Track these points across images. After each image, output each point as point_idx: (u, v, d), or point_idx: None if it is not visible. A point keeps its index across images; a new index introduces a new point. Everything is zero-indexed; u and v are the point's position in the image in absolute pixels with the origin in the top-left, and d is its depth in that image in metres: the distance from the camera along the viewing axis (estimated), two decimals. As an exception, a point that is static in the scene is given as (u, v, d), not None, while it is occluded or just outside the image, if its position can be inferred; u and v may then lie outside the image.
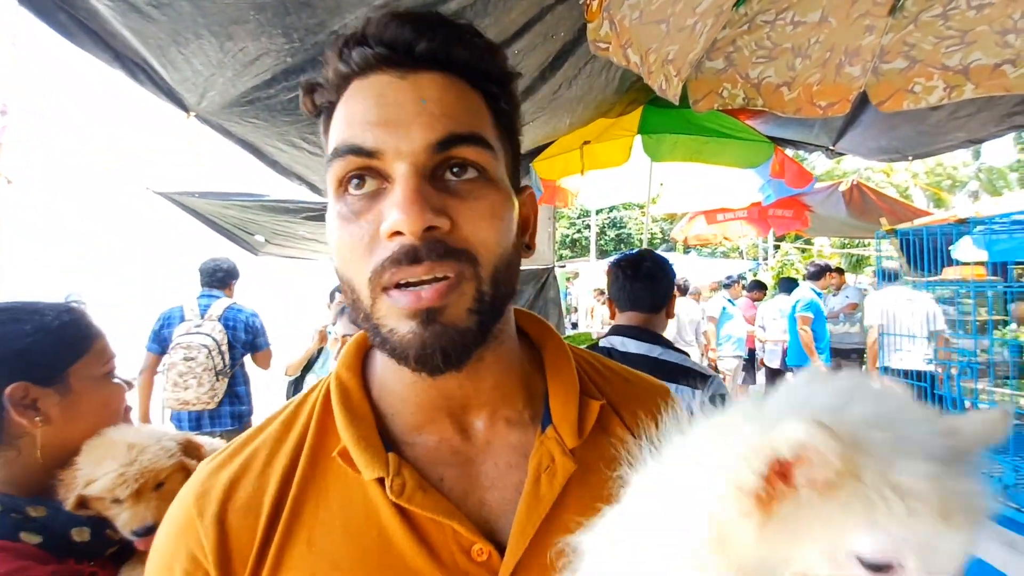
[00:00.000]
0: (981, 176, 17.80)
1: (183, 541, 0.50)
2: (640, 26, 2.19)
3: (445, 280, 0.46)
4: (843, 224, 6.10)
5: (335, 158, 0.49)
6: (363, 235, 0.48)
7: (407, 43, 0.48)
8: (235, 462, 0.53)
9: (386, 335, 0.48)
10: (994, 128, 3.14)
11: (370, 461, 0.50)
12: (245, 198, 3.82)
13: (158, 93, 1.55)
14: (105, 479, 0.86)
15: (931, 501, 0.31)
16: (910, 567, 0.31)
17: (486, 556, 0.49)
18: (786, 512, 0.34)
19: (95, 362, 0.94)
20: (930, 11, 2.51)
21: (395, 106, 0.48)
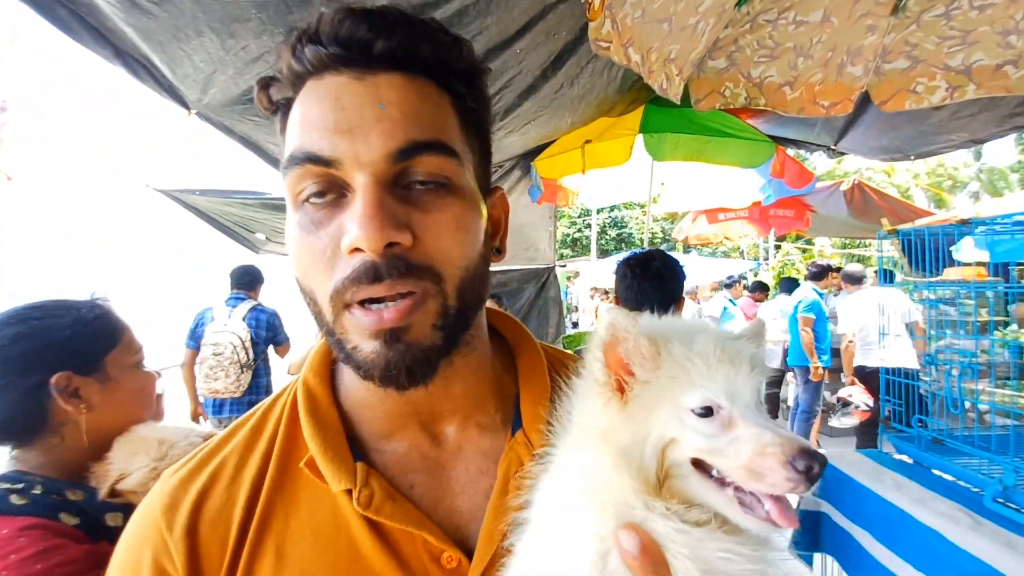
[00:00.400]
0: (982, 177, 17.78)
1: (150, 553, 0.48)
2: (642, 25, 2.18)
3: (409, 296, 0.45)
4: (844, 224, 6.10)
5: (291, 165, 0.46)
6: (324, 248, 0.45)
7: (364, 42, 0.45)
8: (204, 473, 0.52)
9: (350, 351, 0.47)
10: (995, 128, 3.14)
11: (337, 472, 0.49)
12: (246, 196, 3.82)
13: (159, 90, 1.54)
14: (139, 473, 0.90)
15: (719, 356, 0.43)
16: (724, 404, 0.42)
17: (456, 563, 0.48)
18: (636, 396, 0.44)
19: (127, 352, 1.00)
20: (932, 11, 2.50)
21: (352, 111, 0.44)
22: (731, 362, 0.43)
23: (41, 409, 0.89)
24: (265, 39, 1.42)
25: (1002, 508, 1.13)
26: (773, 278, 11.23)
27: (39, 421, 0.90)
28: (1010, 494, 1.13)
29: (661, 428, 0.42)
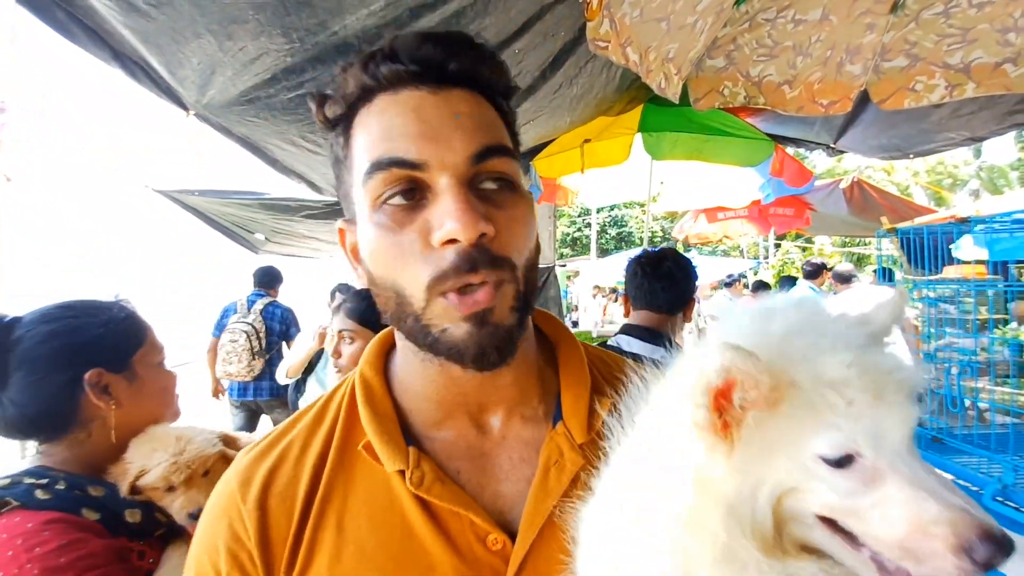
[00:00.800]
0: (982, 175, 17.77)
1: (226, 522, 0.54)
2: (640, 24, 2.18)
3: (493, 284, 0.50)
4: (844, 222, 6.10)
5: (377, 171, 0.50)
6: (412, 243, 0.50)
7: (439, 62, 0.52)
8: (273, 453, 0.57)
9: (438, 335, 0.51)
10: (995, 126, 3.14)
11: (391, 454, 0.54)
12: (244, 196, 3.83)
13: (157, 92, 1.54)
14: (159, 468, 0.94)
15: (862, 386, 0.32)
16: (866, 452, 0.32)
17: (500, 546, 0.52)
18: (747, 436, 0.35)
19: (152, 351, 1.04)
20: (931, 9, 2.50)
21: (433, 120, 0.50)
22: (880, 392, 0.33)
23: (73, 405, 0.92)
24: (263, 40, 1.42)
25: (1001, 507, 1.13)
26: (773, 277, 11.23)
27: (70, 417, 0.93)
28: (1009, 493, 1.13)
29: (777, 478, 0.35)
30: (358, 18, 1.51)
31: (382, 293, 0.55)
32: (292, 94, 1.80)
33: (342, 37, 1.60)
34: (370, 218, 0.52)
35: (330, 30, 1.51)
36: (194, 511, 0.96)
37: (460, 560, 0.51)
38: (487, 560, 0.52)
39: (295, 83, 1.73)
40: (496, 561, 0.52)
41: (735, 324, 0.41)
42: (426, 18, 1.65)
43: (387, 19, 1.60)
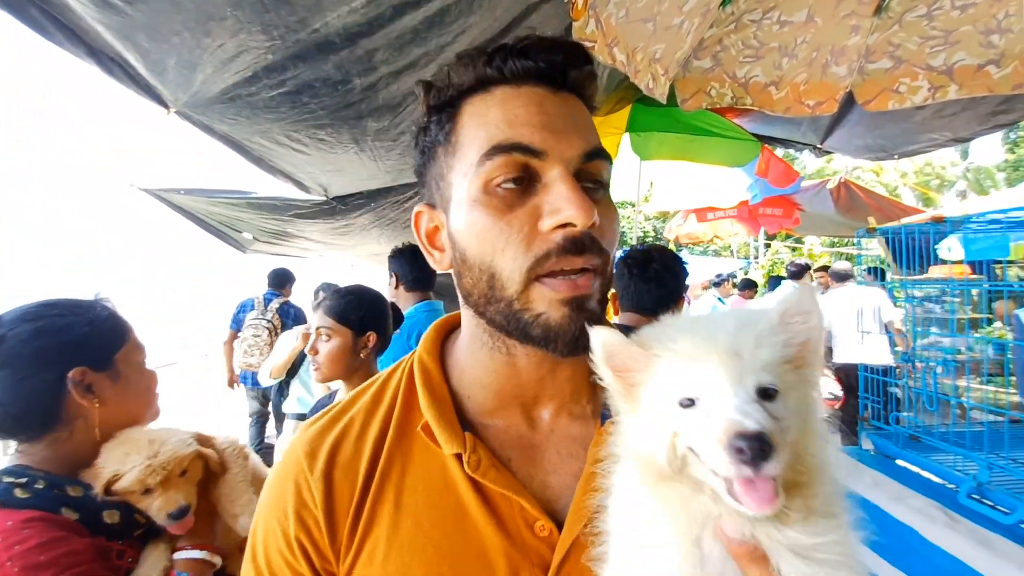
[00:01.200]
0: (969, 176, 17.98)
1: (294, 488, 0.58)
2: (626, 24, 2.18)
3: (591, 271, 0.53)
4: (831, 222, 6.15)
5: (498, 153, 0.53)
6: (520, 227, 0.52)
7: (562, 67, 0.56)
8: (336, 428, 0.61)
9: (531, 320, 0.53)
10: (978, 127, 3.17)
11: (450, 438, 0.57)
12: (231, 195, 3.79)
13: (135, 89, 1.52)
14: (134, 472, 0.92)
15: (696, 352, 0.44)
16: (700, 396, 0.43)
17: (547, 532, 0.54)
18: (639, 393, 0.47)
19: (134, 350, 1.03)
20: (915, 11, 2.52)
21: (555, 116, 0.54)
22: (706, 353, 0.44)
23: (57, 403, 0.92)
24: (242, 37, 1.40)
25: (976, 504, 1.14)
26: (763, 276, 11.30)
27: (54, 415, 0.92)
28: (984, 491, 1.14)
29: (662, 422, 0.45)
30: (339, 16, 1.50)
31: (472, 275, 0.56)
32: (274, 92, 1.78)
33: (324, 35, 1.58)
34: (476, 199, 0.54)
35: (311, 27, 1.49)
36: (174, 511, 0.95)
37: (510, 543, 0.54)
38: (534, 545, 0.54)
39: (276, 81, 1.71)
40: (543, 547, 0.54)
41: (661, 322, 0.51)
42: (409, 16, 1.64)
43: (369, 17, 1.58)
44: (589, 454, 0.58)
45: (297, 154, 2.40)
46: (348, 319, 1.64)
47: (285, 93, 1.82)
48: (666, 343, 0.46)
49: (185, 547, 0.95)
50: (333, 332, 1.63)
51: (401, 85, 2.00)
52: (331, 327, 1.63)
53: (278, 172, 2.65)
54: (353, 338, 1.65)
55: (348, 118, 2.12)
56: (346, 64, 1.77)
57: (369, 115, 2.13)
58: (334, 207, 3.70)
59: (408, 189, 3.66)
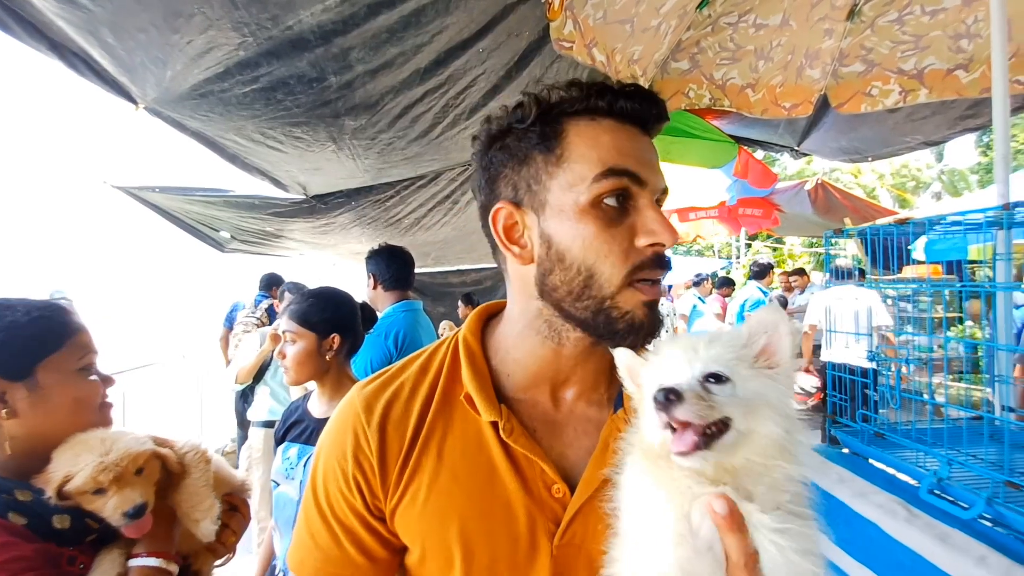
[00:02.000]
0: (944, 178, 18.43)
1: (353, 436, 0.68)
2: (604, 26, 2.19)
3: (658, 281, 0.66)
4: (810, 222, 6.26)
5: (611, 175, 0.63)
6: (621, 240, 0.63)
7: (647, 113, 0.66)
8: (389, 389, 0.71)
9: (618, 316, 0.63)
10: (947, 131, 3.25)
11: (488, 408, 0.67)
12: (208, 193, 3.71)
13: (101, 84, 1.48)
14: (86, 469, 0.89)
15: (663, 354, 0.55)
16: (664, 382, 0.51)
17: (562, 495, 0.64)
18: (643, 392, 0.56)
19: (69, 358, 0.96)
20: (886, 16, 2.57)
21: (645, 153, 0.65)
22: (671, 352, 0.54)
23: None
24: (212, 34, 1.38)
25: (937, 500, 1.16)
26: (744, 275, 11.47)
27: None
28: (945, 486, 1.17)
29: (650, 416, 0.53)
30: (312, 14, 1.48)
31: (567, 273, 0.65)
32: (247, 89, 1.75)
33: (297, 32, 1.56)
34: (585, 210, 0.63)
35: (283, 25, 1.47)
36: (129, 510, 0.91)
37: (531, 499, 0.64)
38: (550, 504, 0.64)
39: (249, 77, 1.69)
40: (557, 506, 0.64)
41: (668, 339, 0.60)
42: (384, 15, 1.62)
43: (344, 15, 1.57)
44: (601, 435, 0.67)
45: (273, 152, 2.37)
46: (311, 322, 1.63)
47: (259, 90, 1.79)
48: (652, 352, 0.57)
49: (141, 554, 0.92)
50: (297, 335, 1.62)
51: (378, 84, 1.99)
52: (295, 331, 1.62)
53: (254, 170, 2.61)
54: (317, 341, 1.64)
55: (324, 116, 2.10)
56: (321, 62, 1.75)
57: (346, 113, 2.11)
58: (313, 206, 3.65)
59: (389, 188, 3.63)
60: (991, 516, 1.07)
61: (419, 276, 5.67)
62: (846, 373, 1.44)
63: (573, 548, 0.63)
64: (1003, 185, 1.56)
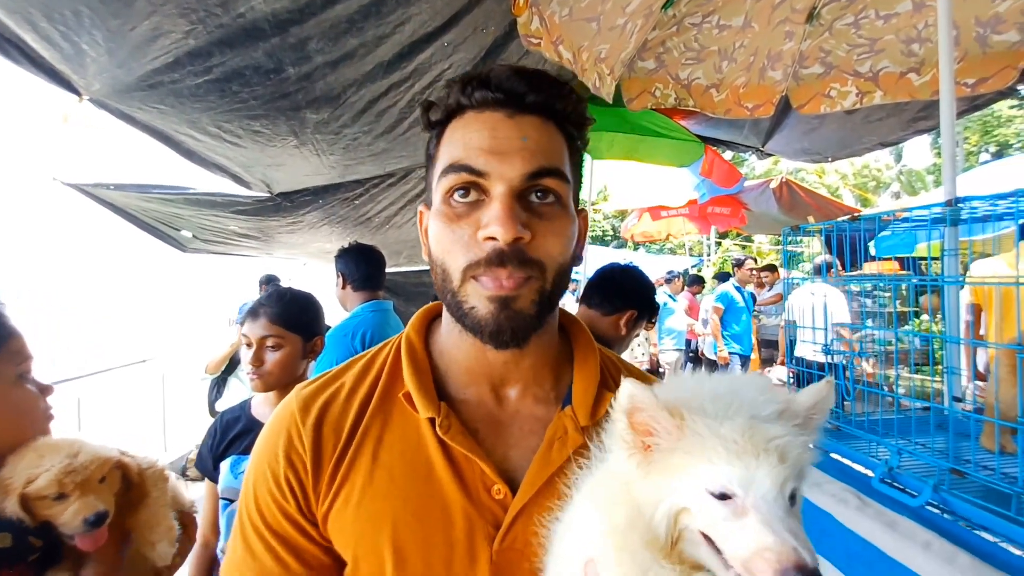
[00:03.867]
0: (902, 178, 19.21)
1: (287, 436, 0.66)
2: (570, 23, 2.19)
3: (520, 279, 0.60)
4: (775, 221, 6.41)
5: (451, 171, 0.61)
6: (463, 234, 0.60)
7: (521, 94, 0.62)
8: (328, 390, 0.69)
9: (467, 311, 0.61)
10: (902, 132, 3.37)
11: (426, 404, 0.65)
12: (167, 191, 3.56)
13: (39, 73, 1.39)
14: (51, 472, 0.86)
15: (745, 446, 0.43)
16: (739, 494, 0.43)
17: (502, 495, 0.62)
18: (659, 460, 0.47)
19: (4, 365, 0.91)
20: (843, 19, 2.65)
21: (503, 139, 0.61)
22: (755, 450, 0.43)
23: None
24: (156, 19, 1.31)
25: (888, 489, 1.19)
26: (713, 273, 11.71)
27: None
28: (895, 475, 1.20)
29: (677, 497, 0.45)
30: (265, 1, 1.43)
31: (434, 268, 0.65)
32: (199, 80, 1.68)
33: (250, 20, 1.51)
34: (437, 208, 0.63)
35: (234, 12, 1.42)
36: (91, 516, 0.87)
37: (469, 501, 0.61)
38: (490, 505, 0.62)
39: (201, 68, 1.62)
40: (497, 508, 0.62)
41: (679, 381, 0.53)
42: (342, 4, 1.58)
43: (299, 3, 1.52)
44: (547, 434, 0.66)
45: (232, 147, 2.29)
46: (296, 324, 1.56)
47: (212, 81, 1.72)
48: (709, 423, 0.45)
49: None
50: (283, 340, 1.53)
51: (339, 76, 1.94)
52: (280, 334, 1.52)
53: (213, 166, 2.52)
54: (303, 344, 1.58)
55: (284, 109, 2.03)
56: (278, 52, 1.69)
57: (307, 106, 2.05)
58: (279, 204, 3.55)
59: (358, 186, 3.56)
60: (938, 503, 1.10)
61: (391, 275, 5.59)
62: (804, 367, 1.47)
63: (514, 553, 0.60)
64: (950, 183, 1.62)
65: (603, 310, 1.94)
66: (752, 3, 2.53)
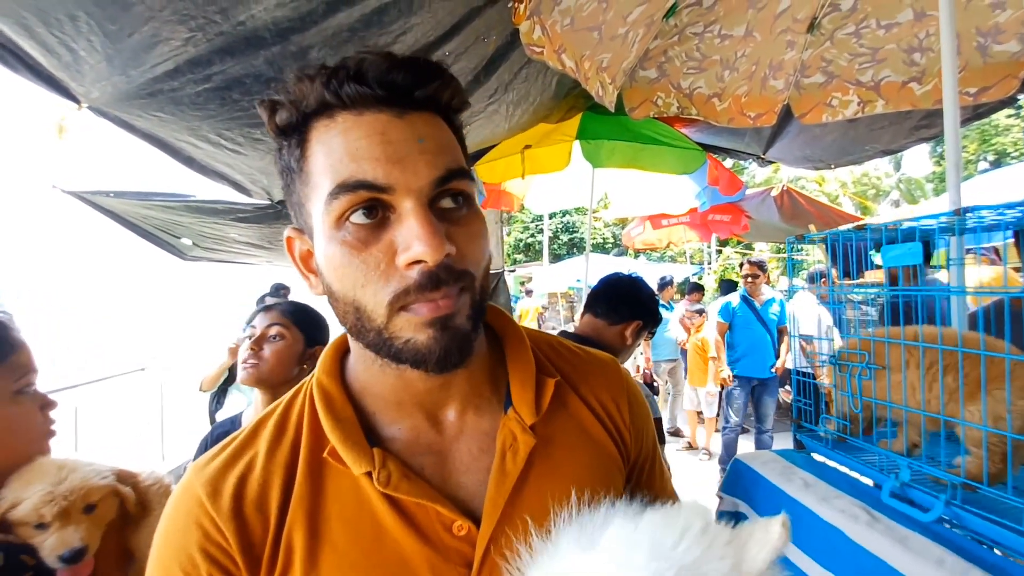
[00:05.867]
0: (901, 186, 19.26)
1: (200, 531, 0.54)
2: (572, 32, 2.19)
3: (454, 293, 0.53)
4: (776, 229, 6.40)
5: (343, 192, 0.51)
6: (377, 263, 0.51)
7: (407, 88, 0.52)
8: (239, 464, 0.58)
9: (401, 346, 0.53)
10: (904, 140, 3.37)
11: (357, 458, 0.56)
12: (167, 198, 3.56)
13: (37, 81, 1.38)
14: (34, 498, 0.82)
15: None
16: None
17: (465, 531, 0.56)
18: None
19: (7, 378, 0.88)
20: (844, 29, 2.66)
21: (399, 144, 0.51)
22: None
23: None
24: (155, 26, 1.30)
25: (898, 503, 1.17)
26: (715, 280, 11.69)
27: None
28: (905, 490, 1.18)
29: None
30: (266, 8, 1.42)
31: (340, 307, 0.56)
32: (200, 87, 1.68)
33: (251, 28, 1.50)
34: (332, 235, 0.53)
35: (235, 20, 1.41)
36: (65, 552, 0.82)
37: (430, 549, 0.54)
38: (455, 546, 0.55)
39: (202, 76, 1.61)
40: (463, 545, 0.55)
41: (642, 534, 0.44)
42: (344, 13, 1.58)
43: (300, 12, 1.51)
44: (497, 443, 0.60)
45: (233, 154, 2.28)
46: (301, 325, 1.58)
47: (213, 89, 1.72)
48: None
49: None
50: (287, 332, 1.54)
51: (340, 85, 1.93)
52: (287, 325, 1.54)
53: (213, 173, 2.51)
54: (303, 346, 1.58)
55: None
56: (279, 60, 1.68)
57: (307, 115, 2.04)
58: (280, 211, 3.54)
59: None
60: (949, 518, 1.07)
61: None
62: (810, 378, 1.45)
63: None
64: (955, 192, 1.61)
65: (610, 320, 1.92)
66: (754, 13, 2.54)
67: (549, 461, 0.61)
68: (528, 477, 0.59)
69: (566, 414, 0.65)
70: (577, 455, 0.63)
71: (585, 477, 0.61)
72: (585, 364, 0.72)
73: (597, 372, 0.71)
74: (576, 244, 22.80)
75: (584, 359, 0.72)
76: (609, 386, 0.70)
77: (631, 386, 0.72)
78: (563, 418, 0.65)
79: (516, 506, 0.57)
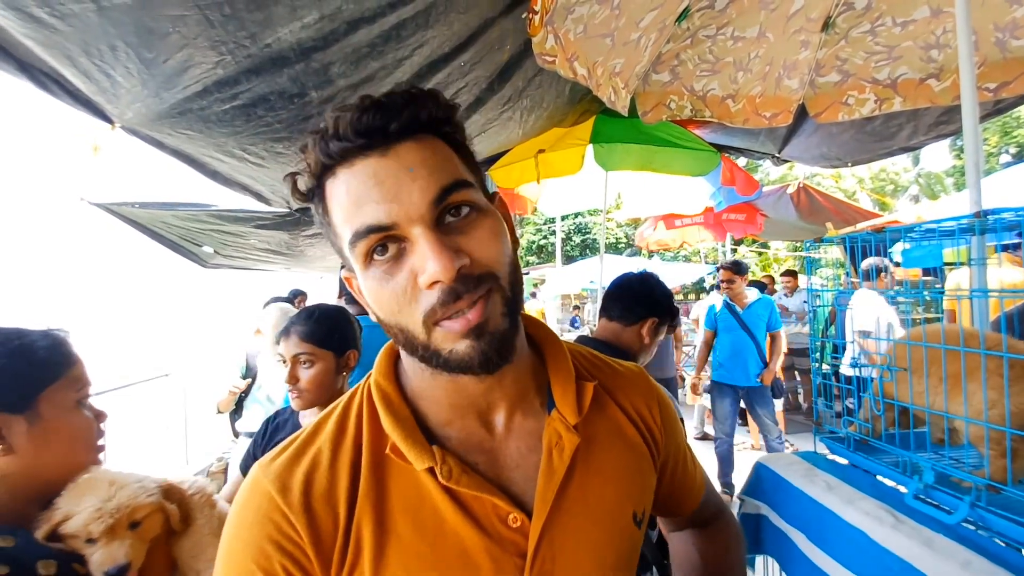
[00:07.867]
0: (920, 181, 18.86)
1: (272, 525, 0.57)
2: (585, 40, 2.22)
3: (481, 299, 0.55)
4: (793, 227, 6.34)
5: (360, 239, 0.56)
6: (404, 288, 0.55)
7: (381, 127, 0.55)
8: (305, 460, 0.62)
9: (447, 356, 0.57)
10: (923, 137, 3.33)
11: (419, 454, 0.60)
12: (191, 207, 3.67)
13: (75, 104, 1.45)
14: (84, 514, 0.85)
15: None
16: None
17: (519, 523, 0.60)
18: None
19: (69, 390, 0.92)
20: (859, 28, 2.64)
21: (390, 181, 0.55)
22: None
23: None
24: (188, 52, 1.36)
25: (922, 505, 1.17)
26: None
27: None
28: (930, 491, 1.18)
29: None
30: (291, 31, 1.48)
31: (390, 330, 0.60)
32: (227, 106, 1.74)
33: (276, 50, 1.55)
34: (364, 273, 0.58)
35: (262, 43, 1.47)
36: (112, 569, 0.85)
37: (488, 539, 0.59)
38: (510, 537, 0.60)
39: (229, 95, 1.67)
40: (517, 537, 0.60)
41: None
42: (364, 31, 1.62)
43: (323, 32, 1.56)
44: (543, 444, 0.64)
45: (256, 167, 2.35)
46: (327, 341, 1.56)
47: (239, 107, 1.78)
48: None
49: None
50: (315, 356, 1.53)
51: (360, 98, 1.99)
52: (312, 351, 1.53)
53: (236, 185, 2.58)
54: (335, 360, 1.58)
55: (306, 131, 2.07)
56: (301, 77, 1.74)
57: (328, 128, 2.10)
58: (298, 219, 3.63)
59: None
60: (974, 520, 1.07)
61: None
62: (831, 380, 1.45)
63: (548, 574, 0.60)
64: (975, 190, 1.60)
65: (625, 321, 1.93)
66: (767, 14, 2.53)
67: (591, 459, 0.66)
68: (573, 474, 0.63)
69: (604, 416, 0.71)
70: (615, 454, 0.68)
71: (623, 474, 0.67)
72: (618, 374, 0.78)
73: (629, 381, 0.77)
74: (588, 245, 22.74)
75: (618, 370, 0.79)
76: (642, 393, 0.76)
77: (660, 392, 0.80)
78: (601, 420, 0.70)
79: (563, 500, 0.62)
